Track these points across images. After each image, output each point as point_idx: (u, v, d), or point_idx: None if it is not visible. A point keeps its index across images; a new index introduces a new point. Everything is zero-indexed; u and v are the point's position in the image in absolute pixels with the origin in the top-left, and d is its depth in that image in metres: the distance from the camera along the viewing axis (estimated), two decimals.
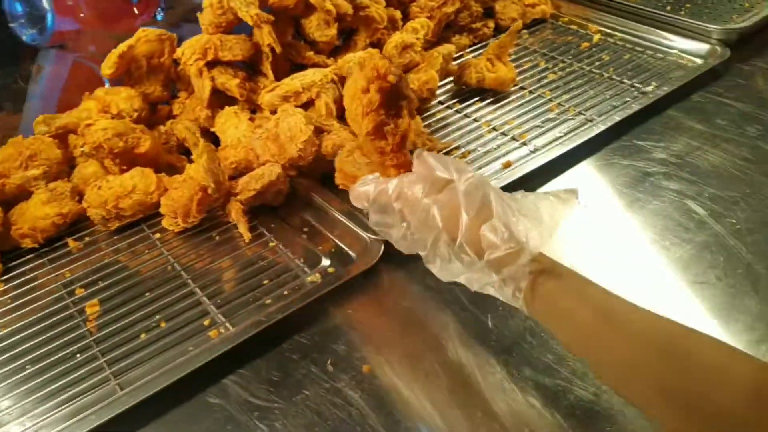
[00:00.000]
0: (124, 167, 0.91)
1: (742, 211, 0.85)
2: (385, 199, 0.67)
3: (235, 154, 0.93)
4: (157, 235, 0.88)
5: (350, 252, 0.83)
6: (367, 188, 0.69)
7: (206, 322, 0.75)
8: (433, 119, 1.07)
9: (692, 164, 0.94)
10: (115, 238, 0.88)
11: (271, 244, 0.86)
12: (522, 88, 1.13)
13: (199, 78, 0.99)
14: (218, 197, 0.87)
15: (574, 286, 0.57)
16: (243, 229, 0.85)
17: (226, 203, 0.89)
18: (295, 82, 0.97)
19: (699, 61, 1.17)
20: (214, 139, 0.99)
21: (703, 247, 0.81)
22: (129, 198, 0.87)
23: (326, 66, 1.06)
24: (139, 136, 0.92)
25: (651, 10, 1.30)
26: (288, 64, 1.08)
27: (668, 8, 1.34)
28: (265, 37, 0.99)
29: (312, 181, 0.94)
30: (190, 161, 0.96)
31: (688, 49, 1.20)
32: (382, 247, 0.80)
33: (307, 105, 0.98)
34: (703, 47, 1.18)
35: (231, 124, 0.96)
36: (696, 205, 0.87)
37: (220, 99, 1.02)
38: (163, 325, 0.75)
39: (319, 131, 0.93)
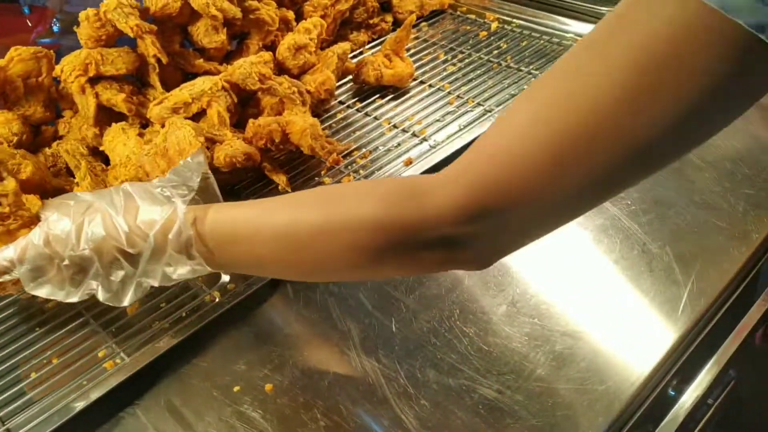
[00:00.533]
0: None
1: (636, 191, 0.87)
2: (34, 251, 0.64)
3: (125, 173, 0.89)
4: None
5: None
6: (5, 252, 0.65)
7: (101, 354, 0.72)
8: (334, 120, 1.05)
9: None
10: None
11: None
12: (422, 83, 1.13)
13: (82, 95, 0.94)
14: None
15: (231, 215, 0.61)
16: None
17: None
18: (183, 92, 0.93)
19: None
20: (105, 158, 0.95)
21: (600, 230, 0.82)
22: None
23: (218, 72, 1.03)
24: (19, 162, 0.86)
25: None
26: (179, 74, 1.04)
27: None
28: (149, 47, 0.95)
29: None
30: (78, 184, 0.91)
31: (583, 32, 1.22)
32: None
33: (199, 115, 0.95)
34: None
35: (119, 141, 0.92)
36: None
37: (108, 115, 0.97)
38: (54, 360, 0.72)
39: (211, 142, 0.89)
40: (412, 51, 1.21)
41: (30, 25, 1.45)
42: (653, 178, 0.88)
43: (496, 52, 1.20)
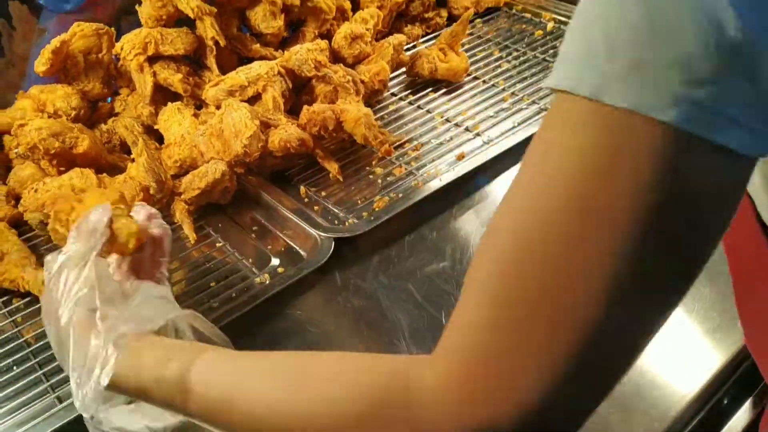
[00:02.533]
0: (62, 168, 0.87)
1: None
2: None
3: (179, 152, 0.89)
4: None
5: (300, 251, 0.81)
6: None
7: None
8: (386, 111, 1.05)
9: None
10: (52, 244, 0.84)
11: (218, 244, 0.83)
12: (475, 78, 1.12)
13: (140, 74, 0.95)
14: (161, 197, 0.83)
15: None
16: (188, 229, 0.82)
17: (170, 203, 0.85)
18: (240, 75, 0.94)
19: None
20: (159, 137, 0.96)
21: None
22: None
23: (274, 58, 1.03)
24: (76, 136, 0.87)
25: None
26: (235, 57, 1.05)
27: None
28: (208, 29, 0.96)
29: (261, 178, 0.91)
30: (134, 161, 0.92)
31: None
32: (333, 245, 0.78)
33: (254, 99, 0.95)
34: None
35: (174, 120, 0.92)
36: None
37: (163, 95, 0.98)
38: None
39: (266, 126, 0.90)
40: (466, 46, 1.20)
41: None
42: None
43: (552, 51, 1.18)
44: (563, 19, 1.28)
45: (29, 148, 0.84)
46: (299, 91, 1.01)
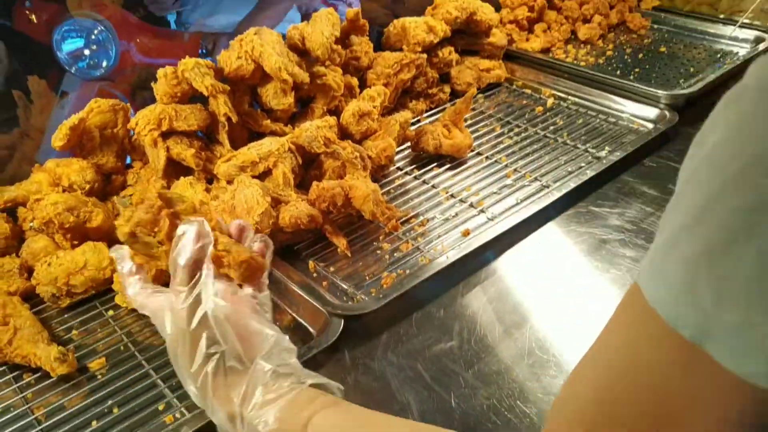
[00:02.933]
0: (76, 242, 0.88)
1: None
2: None
3: None
4: (110, 312, 0.85)
5: (310, 328, 0.82)
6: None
7: (161, 407, 0.72)
8: (392, 186, 1.07)
9: (647, 231, 0.96)
10: (66, 315, 0.85)
11: None
12: (479, 154, 1.15)
13: (153, 148, 0.98)
14: None
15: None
16: None
17: None
18: (251, 151, 0.96)
19: (649, 125, 1.20)
20: None
21: None
22: (81, 274, 0.85)
23: (284, 133, 1.06)
24: (91, 210, 0.89)
25: (601, 74, 1.34)
26: (245, 133, 1.08)
27: (618, 73, 1.39)
28: (221, 107, 0.99)
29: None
30: None
31: (639, 113, 1.23)
32: (342, 323, 0.79)
33: (265, 175, 0.97)
34: (652, 111, 1.22)
35: (187, 195, 0.94)
36: None
37: (175, 169, 1.00)
38: (115, 411, 0.72)
39: (276, 202, 0.92)
40: (469, 122, 1.24)
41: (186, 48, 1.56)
42: None
43: (552, 127, 1.22)
44: (562, 95, 1.32)
45: (44, 222, 0.86)
46: (308, 165, 1.04)
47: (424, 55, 1.24)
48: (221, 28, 1.61)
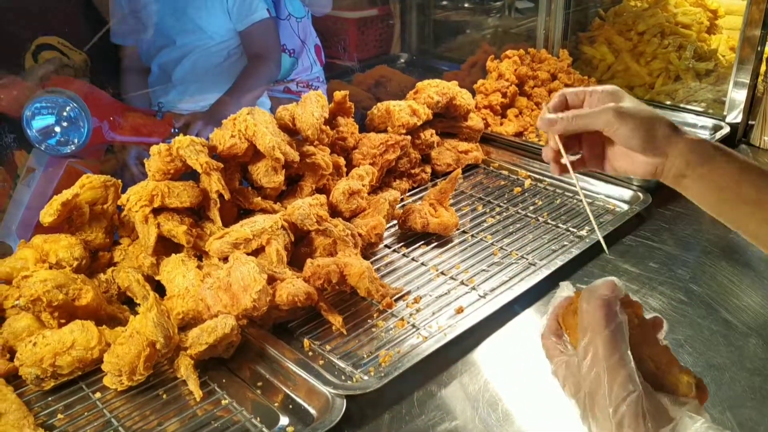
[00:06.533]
0: (63, 320, 0.85)
1: (688, 354, 0.88)
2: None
3: (183, 305, 0.89)
4: (98, 395, 0.82)
5: (310, 408, 0.80)
6: None
7: None
8: (382, 263, 1.08)
9: None
10: (50, 399, 0.81)
11: (224, 401, 0.81)
12: (464, 232, 1.17)
13: (144, 225, 0.96)
14: (167, 352, 0.82)
15: None
16: (194, 386, 0.81)
17: (174, 358, 0.84)
18: (245, 228, 0.96)
19: (625, 206, 1.25)
20: (156, 287, 0.96)
21: None
22: (68, 354, 0.82)
23: (274, 211, 1.06)
24: (80, 287, 0.87)
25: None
26: (235, 210, 1.08)
27: None
28: (215, 184, 0.99)
29: (263, 330, 0.91)
30: (133, 312, 0.91)
31: (613, 194, 1.28)
32: (345, 403, 0.77)
33: (257, 252, 0.97)
34: (626, 192, 1.27)
35: (178, 272, 0.93)
36: None
37: (164, 245, 0.99)
38: None
39: (271, 279, 0.91)
40: (451, 202, 1.26)
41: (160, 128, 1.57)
42: (704, 342, 0.90)
43: (532, 207, 1.25)
44: (538, 176, 1.37)
45: (32, 300, 0.83)
46: (298, 242, 1.04)
47: (409, 137, 1.28)
48: (193, 109, 1.64)
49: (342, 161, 1.20)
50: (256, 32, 1.71)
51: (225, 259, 0.94)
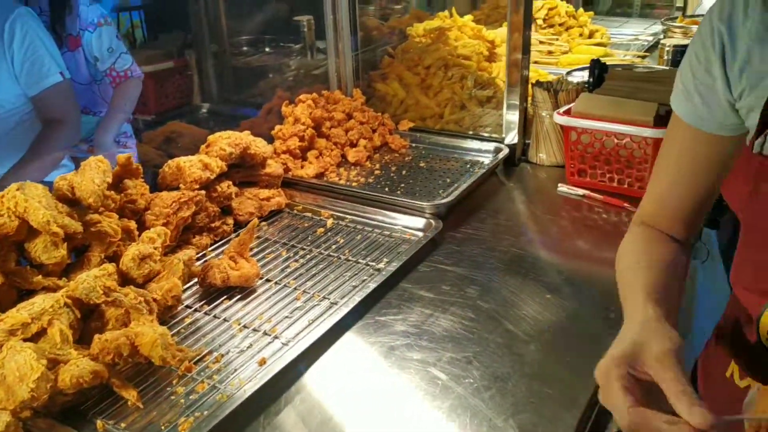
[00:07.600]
0: None
1: (476, 369, 0.94)
2: None
3: None
4: None
5: None
6: None
7: None
8: (182, 326, 1.06)
9: (429, 332, 1.03)
10: None
11: None
12: (268, 280, 1.18)
13: None
14: None
15: None
16: None
17: None
18: (22, 312, 0.90)
19: (419, 234, 1.32)
20: None
21: (450, 411, 0.88)
22: None
23: (58, 287, 1.01)
24: None
25: (372, 193, 1.46)
26: (14, 292, 1.01)
27: (387, 190, 1.52)
28: None
29: (50, 419, 0.85)
30: None
31: (409, 224, 1.35)
32: None
33: (39, 335, 0.91)
34: (420, 221, 1.35)
35: None
36: (437, 370, 0.95)
37: None
38: None
39: (54, 363, 0.86)
40: (255, 250, 1.27)
41: None
42: (490, 355, 0.97)
43: (334, 246, 1.29)
44: (341, 215, 1.41)
45: None
46: (87, 317, 0.99)
47: (203, 192, 1.27)
48: None
49: (133, 225, 1.16)
50: (50, 97, 1.63)
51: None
